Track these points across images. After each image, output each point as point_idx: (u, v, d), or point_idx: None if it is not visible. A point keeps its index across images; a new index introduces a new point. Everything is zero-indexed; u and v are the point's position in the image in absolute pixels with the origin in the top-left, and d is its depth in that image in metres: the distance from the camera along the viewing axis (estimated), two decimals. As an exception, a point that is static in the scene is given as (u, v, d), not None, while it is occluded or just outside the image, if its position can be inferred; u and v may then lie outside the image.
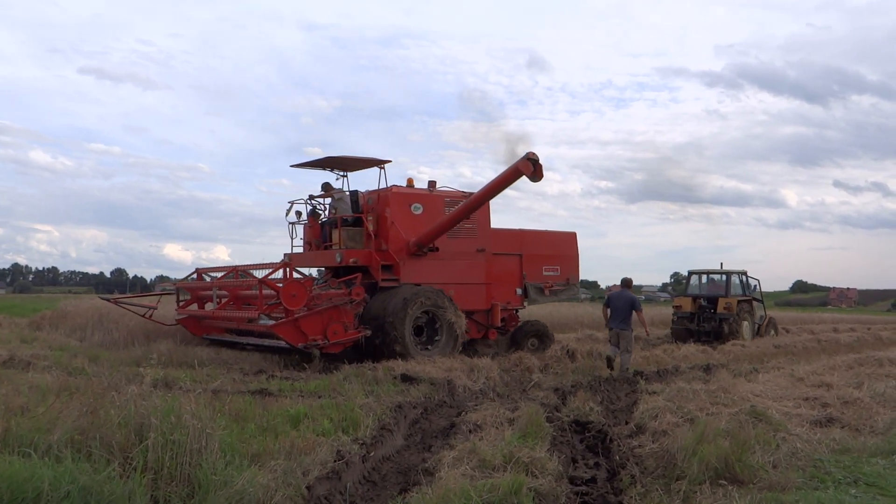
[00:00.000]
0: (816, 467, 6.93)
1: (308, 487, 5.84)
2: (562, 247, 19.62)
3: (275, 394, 10.31)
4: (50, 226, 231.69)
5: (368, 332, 14.74)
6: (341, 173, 17.90)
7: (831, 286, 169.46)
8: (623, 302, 14.83)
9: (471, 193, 17.07)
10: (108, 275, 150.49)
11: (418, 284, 16.03)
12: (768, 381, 12.32)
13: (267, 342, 15.11)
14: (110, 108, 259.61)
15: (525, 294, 18.64)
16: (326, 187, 17.52)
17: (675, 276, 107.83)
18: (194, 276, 18.27)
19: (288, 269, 14.70)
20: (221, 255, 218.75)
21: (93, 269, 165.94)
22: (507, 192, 17.02)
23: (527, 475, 6.19)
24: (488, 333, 17.88)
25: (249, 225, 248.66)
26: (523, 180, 15.16)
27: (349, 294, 14.62)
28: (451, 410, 10.39)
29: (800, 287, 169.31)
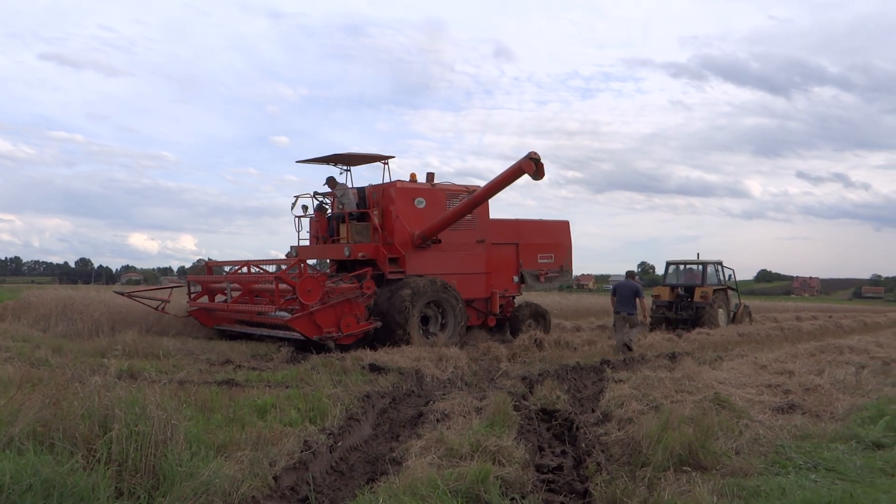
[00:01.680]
0: (778, 453, 7.06)
1: (275, 478, 5.82)
2: (556, 235, 20.49)
3: (241, 384, 10.23)
4: (12, 215, 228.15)
5: (379, 324, 15.40)
6: (345, 168, 18.55)
7: (795, 275, 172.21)
8: (628, 290, 16.67)
9: (469, 187, 18.27)
10: (72, 265, 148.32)
11: (422, 276, 16.68)
12: (732, 369, 12.50)
13: (281, 333, 15.57)
14: (72, 96, 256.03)
15: (521, 281, 19.46)
16: (331, 182, 18.05)
17: (643, 265, 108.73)
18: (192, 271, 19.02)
19: (302, 265, 15.17)
20: (188, 244, 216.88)
21: (56, 259, 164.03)
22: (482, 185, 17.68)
23: (494, 463, 6.22)
24: (487, 320, 18.69)
25: (216, 214, 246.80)
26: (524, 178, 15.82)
27: (361, 287, 15.25)
28: (420, 400, 10.41)
29: (764, 276, 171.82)
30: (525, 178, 15.94)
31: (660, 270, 26.80)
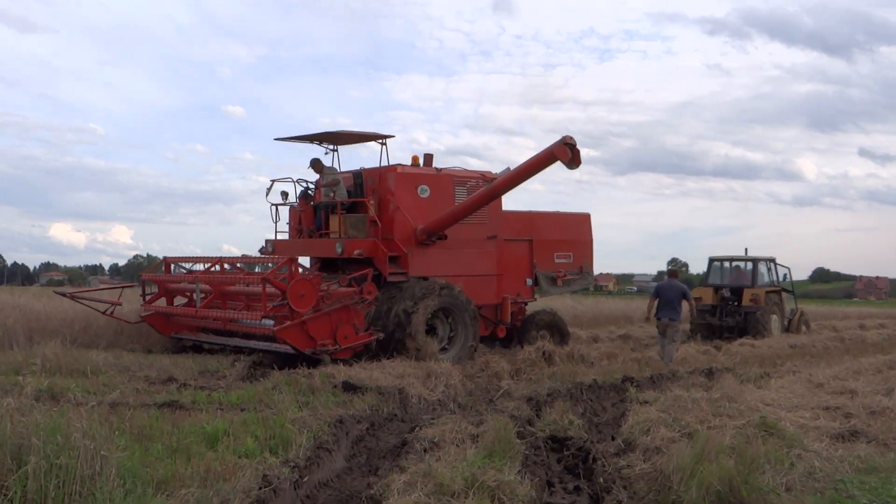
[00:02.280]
0: (837, 489, 7.08)
1: (227, 520, 5.82)
2: (575, 230, 20.63)
3: (188, 407, 10.22)
4: None
5: (381, 336, 15.46)
6: (330, 148, 18.42)
7: (858, 275, 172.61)
8: (674, 292, 17.27)
9: (482, 174, 18.33)
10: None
11: (426, 278, 16.82)
12: (782, 388, 12.55)
13: (262, 345, 15.60)
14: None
15: (536, 284, 19.56)
16: (317, 165, 18.02)
17: (673, 262, 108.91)
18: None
19: (292, 265, 15.06)
20: (122, 237, 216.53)
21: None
22: (479, 165, 17.97)
23: (493, 502, 6.23)
24: (497, 330, 18.66)
25: (155, 200, 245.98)
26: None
27: (360, 292, 15.17)
28: (403, 425, 10.41)
29: (821, 276, 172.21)
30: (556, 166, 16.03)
31: (694, 269, 27.34)
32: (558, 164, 15.85)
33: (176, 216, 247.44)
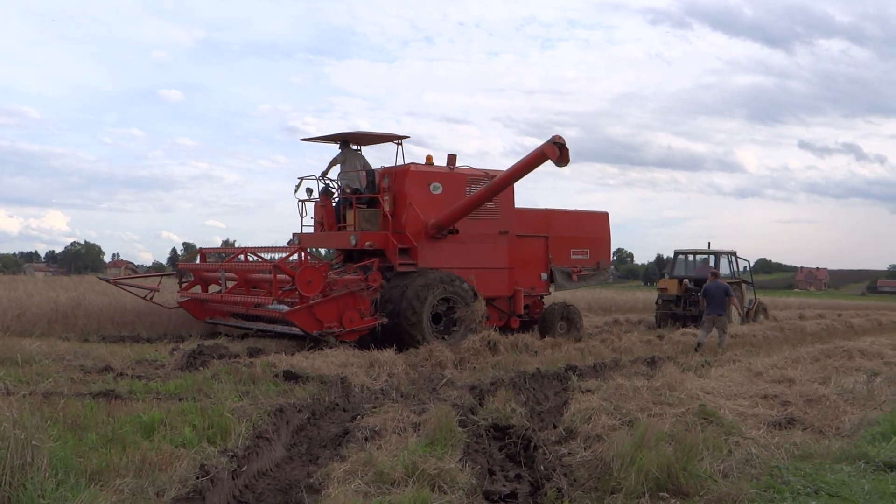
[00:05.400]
0: (773, 476, 7.21)
1: (162, 510, 5.77)
2: (592, 228, 22.04)
3: (124, 396, 10.09)
4: None
5: (385, 320, 16.60)
6: (355, 147, 19.69)
7: (798, 266, 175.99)
8: (720, 291, 19.30)
9: (490, 172, 19.52)
10: None
11: (436, 269, 17.96)
12: (722, 377, 12.73)
13: (279, 328, 16.90)
14: None
15: (551, 279, 20.93)
16: (345, 145, 19.47)
17: (618, 253, 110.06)
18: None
19: (303, 254, 16.50)
20: (58, 223, 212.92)
21: None
22: (423, 153, 19.15)
23: (433, 490, 6.26)
24: (510, 321, 19.93)
25: (92, 186, 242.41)
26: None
27: (366, 280, 16.51)
28: (345, 414, 10.42)
29: (763, 267, 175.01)
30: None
31: (640, 259, 28.27)
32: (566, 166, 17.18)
33: (114, 202, 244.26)
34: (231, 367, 12.66)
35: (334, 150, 19.74)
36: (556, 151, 16.68)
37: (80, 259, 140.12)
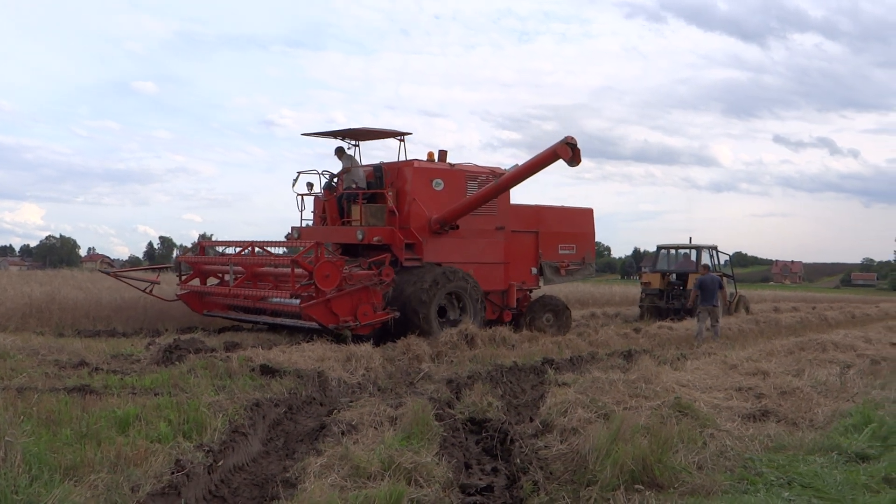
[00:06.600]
0: (746, 467, 7.28)
1: (137, 506, 5.75)
2: (578, 224, 22.58)
3: (99, 391, 10.02)
4: None
5: (398, 314, 16.98)
6: (353, 143, 20.27)
7: (774, 259, 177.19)
8: (715, 284, 20.26)
9: (495, 170, 20.04)
10: None
11: (439, 264, 18.51)
12: (697, 369, 12.83)
13: (289, 322, 17.20)
14: None
15: (540, 273, 21.34)
16: (339, 152, 19.94)
17: (595, 246, 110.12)
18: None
19: (319, 248, 16.53)
20: (32, 217, 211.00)
21: None
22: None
23: (409, 484, 6.27)
24: (503, 315, 20.25)
25: (68, 179, 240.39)
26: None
27: (379, 275, 16.82)
28: (322, 409, 10.42)
29: (738, 260, 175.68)
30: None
31: (616, 252, 28.87)
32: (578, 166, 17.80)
33: (90, 195, 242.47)
34: (207, 361, 12.60)
35: (331, 144, 19.94)
36: (569, 151, 17.18)
37: (56, 253, 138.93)
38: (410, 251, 18.49)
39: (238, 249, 19.07)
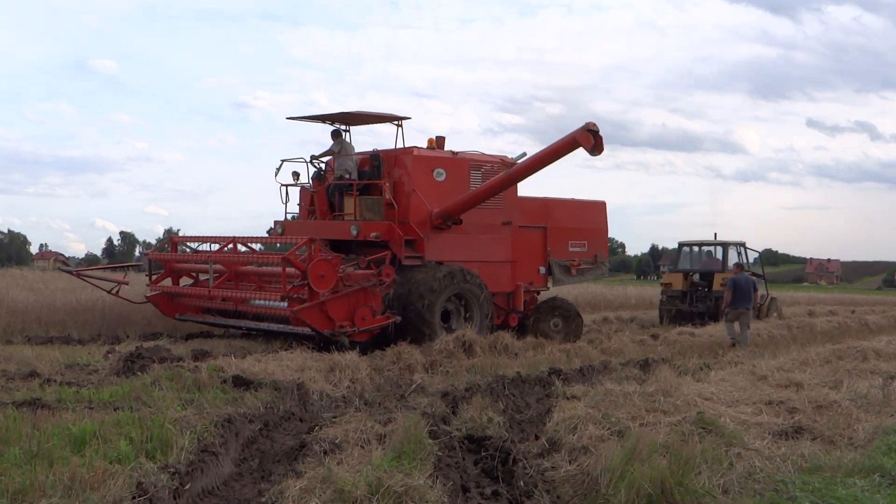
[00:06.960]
0: (778, 491, 7.27)
1: (94, 534, 5.74)
2: (590, 218, 22.48)
3: (52, 405, 10.02)
4: None
5: (399, 319, 16.94)
6: (343, 127, 20.05)
7: (808, 257, 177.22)
8: (749, 285, 20.43)
9: (501, 158, 20.12)
10: None
11: (441, 263, 18.50)
12: (722, 381, 12.82)
13: (275, 327, 16.99)
14: None
15: (549, 273, 21.26)
16: (336, 135, 19.81)
17: (609, 242, 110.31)
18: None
19: (313, 245, 16.29)
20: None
21: None
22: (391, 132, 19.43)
23: (400, 510, 6.25)
24: (509, 319, 20.20)
25: (17, 168, 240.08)
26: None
27: (379, 274, 16.56)
28: (302, 425, 10.42)
29: (769, 258, 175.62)
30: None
31: (632, 250, 28.63)
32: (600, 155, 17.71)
33: (41, 185, 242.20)
34: (173, 371, 12.58)
35: (316, 130, 19.99)
36: (590, 139, 17.06)
37: (4, 250, 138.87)
38: (410, 248, 18.35)
39: (217, 246, 18.67)
